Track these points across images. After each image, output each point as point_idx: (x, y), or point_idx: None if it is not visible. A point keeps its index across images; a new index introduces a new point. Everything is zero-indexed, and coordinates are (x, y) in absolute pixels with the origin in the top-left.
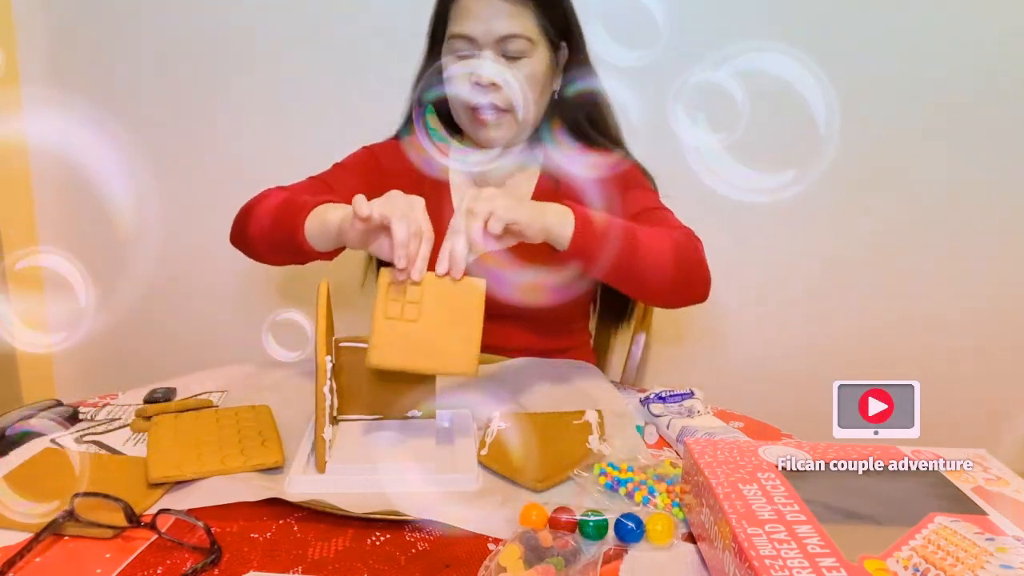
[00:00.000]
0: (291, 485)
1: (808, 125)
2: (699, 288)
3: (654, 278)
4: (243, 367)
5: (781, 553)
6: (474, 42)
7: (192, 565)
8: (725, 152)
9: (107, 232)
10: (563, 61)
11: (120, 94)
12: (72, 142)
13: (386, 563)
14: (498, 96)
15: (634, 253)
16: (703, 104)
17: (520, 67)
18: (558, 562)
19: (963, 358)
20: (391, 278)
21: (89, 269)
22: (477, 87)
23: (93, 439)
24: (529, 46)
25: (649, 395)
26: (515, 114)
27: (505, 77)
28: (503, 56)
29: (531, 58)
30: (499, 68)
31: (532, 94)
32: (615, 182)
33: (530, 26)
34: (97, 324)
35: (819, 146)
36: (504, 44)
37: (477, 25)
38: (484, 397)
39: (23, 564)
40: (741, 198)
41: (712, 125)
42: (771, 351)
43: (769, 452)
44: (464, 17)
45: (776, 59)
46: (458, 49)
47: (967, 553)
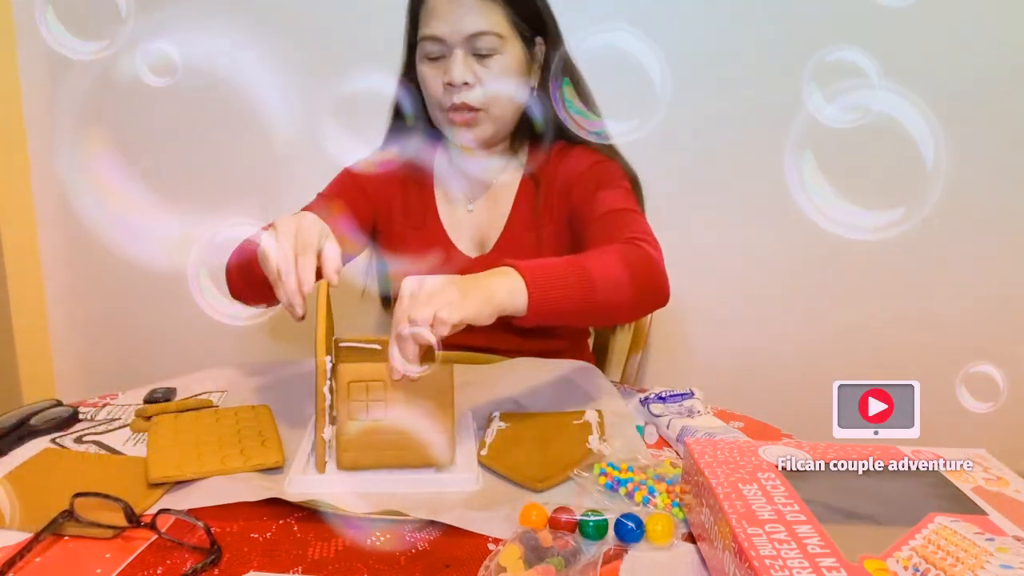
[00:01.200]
0: (291, 485)
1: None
2: (658, 299)
3: (613, 306)
4: (243, 367)
5: (781, 553)
6: (443, 42)
7: (192, 565)
8: (833, 189)
9: (107, 232)
10: (540, 56)
11: (120, 93)
12: (72, 142)
13: (386, 563)
14: (470, 95)
15: (592, 291)
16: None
17: (491, 64)
18: (558, 562)
19: (963, 358)
20: (352, 376)
21: (90, 269)
22: (449, 87)
23: (93, 439)
24: (499, 42)
25: (649, 395)
26: (489, 112)
27: (477, 74)
28: (473, 54)
29: (503, 54)
30: (468, 67)
31: (506, 90)
32: (589, 180)
33: (500, 22)
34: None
35: (927, 183)
36: (473, 42)
37: (444, 25)
38: (484, 398)
39: (23, 564)
40: (853, 236)
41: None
42: (771, 351)
43: (769, 452)
44: (432, 18)
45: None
46: (429, 51)
47: (967, 553)
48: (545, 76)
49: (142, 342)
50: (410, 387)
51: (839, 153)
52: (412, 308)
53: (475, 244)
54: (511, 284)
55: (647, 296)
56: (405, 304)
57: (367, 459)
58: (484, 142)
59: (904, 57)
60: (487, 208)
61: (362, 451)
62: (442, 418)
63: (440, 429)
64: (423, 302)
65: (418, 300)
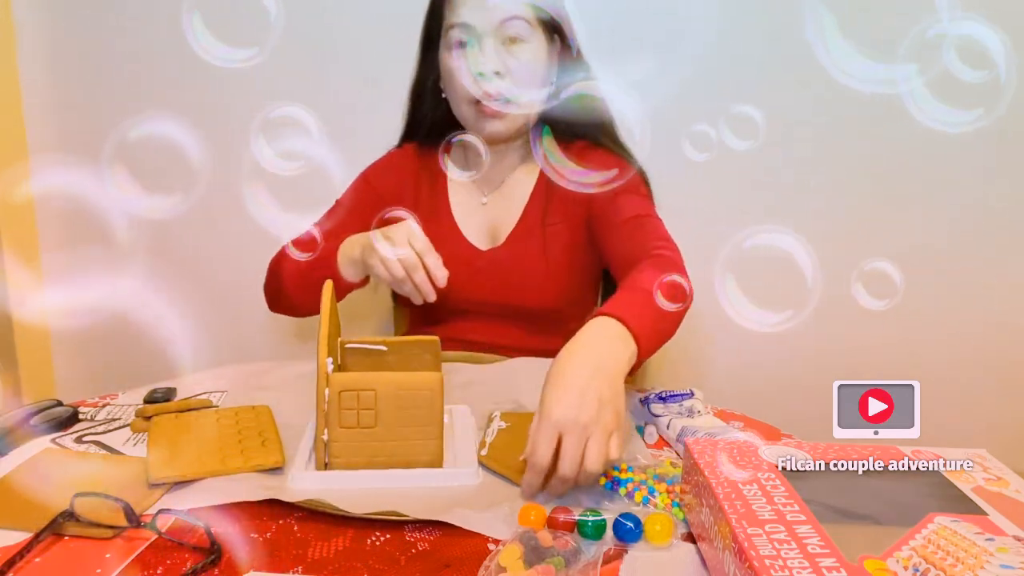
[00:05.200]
0: (291, 485)
1: None
2: (689, 303)
3: (675, 323)
4: (243, 367)
5: (781, 553)
6: (473, 30)
7: (192, 565)
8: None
9: (107, 232)
10: (557, 52)
11: (121, 93)
12: (72, 142)
13: (386, 563)
14: (502, 84)
15: (663, 318)
16: None
17: (521, 51)
18: (558, 562)
19: (963, 358)
20: (343, 386)
21: (89, 268)
22: (480, 77)
23: (93, 439)
24: (528, 30)
25: (649, 395)
26: (518, 103)
27: (507, 64)
28: (503, 43)
29: (530, 43)
30: (501, 55)
31: (535, 81)
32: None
33: (527, 10)
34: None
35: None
36: (504, 28)
37: (474, 13)
38: (484, 397)
39: (23, 564)
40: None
41: None
42: (771, 351)
43: (769, 452)
44: (460, 6)
45: None
46: (457, 39)
47: (967, 553)
48: (561, 76)
49: (142, 342)
50: (401, 397)
51: None
52: (574, 451)
53: (487, 237)
54: (627, 351)
55: (686, 304)
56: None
57: (358, 467)
58: (510, 134)
59: None
60: (501, 201)
61: (352, 459)
62: (433, 426)
63: (431, 436)
64: (579, 438)
65: (574, 437)
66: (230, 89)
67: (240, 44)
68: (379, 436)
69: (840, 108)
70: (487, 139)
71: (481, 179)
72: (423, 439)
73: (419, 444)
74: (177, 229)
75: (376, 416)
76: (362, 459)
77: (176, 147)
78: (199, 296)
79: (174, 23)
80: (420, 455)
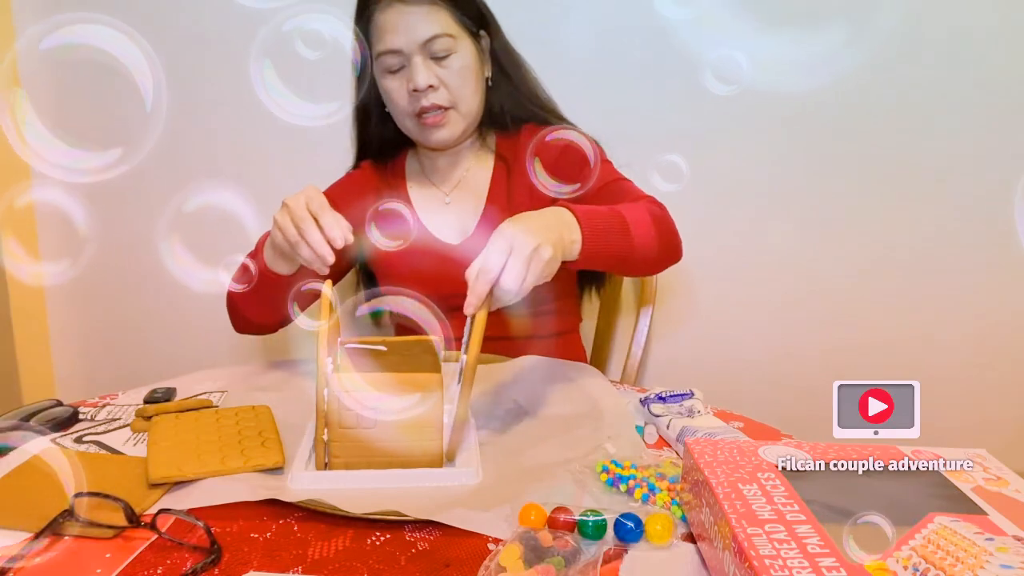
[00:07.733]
0: (291, 485)
1: None
2: (676, 253)
3: (644, 256)
4: (243, 367)
5: (781, 553)
6: (401, 53)
7: (192, 565)
8: None
9: (107, 231)
10: (486, 48)
11: (121, 93)
12: (72, 142)
13: (386, 563)
14: (437, 96)
15: (628, 238)
16: None
17: (451, 62)
18: (558, 562)
19: (963, 358)
20: (342, 387)
21: (89, 268)
22: (415, 94)
23: (93, 439)
24: (452, 42)
25: (649, 395)
26: (457, 110)
27: (439, 76)
28: (432, 58)
29: (457, 53)
30: (430, 70)
31: (468, 86)
32: (571, 156)
33: (448, 23)
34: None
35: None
36: (429, 47)
37: (399, 37)
38: (484, 397)
39: (23, 564)
40: None
41: None
42: (771, 351)
43: (769, 452)
44: (385, 33)
45: None
46: (389, 64)
47: (967, 553)
48: (496, 66)
49: (142, 342)
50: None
51: None
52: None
53: (457, 231)
54: (569, 226)
55: (669, 250)
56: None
57: (357, 467)
58: (456, 138)
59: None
60: (464, 196)
61: (352, 459)
62: (432, 426)
63: (430, 436)
64: (526, 259)
65: (522, 255)
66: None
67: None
68: (379, 436)
69: None
70: (435, 147)
71: (440, 180)
72: (423, 439)
73: (419, 444)
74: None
75: (376, 417)
76: (362, 459)
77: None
78: (199, 296)
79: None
80: (420, 455)
